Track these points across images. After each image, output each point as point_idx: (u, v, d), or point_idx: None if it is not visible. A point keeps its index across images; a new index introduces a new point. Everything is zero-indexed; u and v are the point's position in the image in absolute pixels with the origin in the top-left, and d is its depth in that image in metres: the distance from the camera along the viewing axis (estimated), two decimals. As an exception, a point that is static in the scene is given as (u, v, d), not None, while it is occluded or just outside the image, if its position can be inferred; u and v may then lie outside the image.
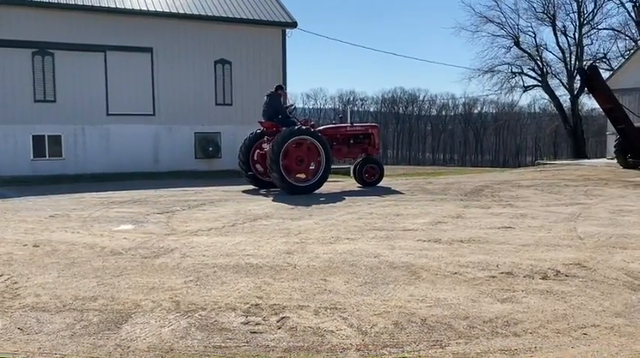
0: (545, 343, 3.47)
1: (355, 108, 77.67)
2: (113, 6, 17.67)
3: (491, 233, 7.00)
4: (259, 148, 13.08)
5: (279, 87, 13.21)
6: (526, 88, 40.52)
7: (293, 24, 19.86)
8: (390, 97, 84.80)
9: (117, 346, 3.46)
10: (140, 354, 3.35)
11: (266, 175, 12.72)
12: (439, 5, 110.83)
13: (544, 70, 39.12)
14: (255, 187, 13.19)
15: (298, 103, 75.68)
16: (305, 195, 11.55)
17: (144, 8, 18.03)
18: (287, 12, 20.15)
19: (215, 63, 19.13)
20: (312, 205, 9.97)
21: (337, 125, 14.10)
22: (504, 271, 5.11)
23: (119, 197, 11.65)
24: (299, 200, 10.73)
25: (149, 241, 6.69)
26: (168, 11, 18.33)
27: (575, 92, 37.08)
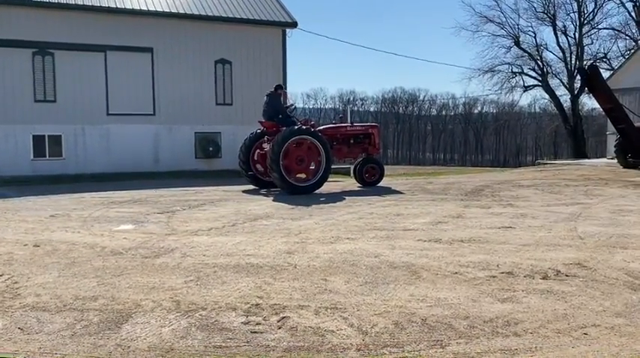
0: (545, 343, 3.47)
1: (355, 108, 77.69)
2: (113, 6, 17.67)
3: (491, 233, 7.00)
4: (259, 148, 13.09)
5: (278, 86, 13.21)
6: (526, 88, 40.57)
7: (293, 24, 19.86)
8: (390, 97, 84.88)
9: (117, 346, 3.46)
10: (140, 354, 3.35)
11: (266, 175, 12.73)
12: (439, 5, 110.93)
13: (544, 70, 39.14)
14: (255, 187, 13.20)
15: (298, 103, 75.68)
16: (305, 195, 11.56)
17: (144, 8, 18.03)
18: (287, 12, 20.15)
19: (215, 63, 19.13)
20: (312, 205, 9.97)
21: (337, 125, 14.11)
22: (505, 271, 5.12)
23: (119, 197, 11.65)
24: (299, 200, 10.74)
25: (149, 241, 6.69)
26: (168, 11, 18.32)
27: (575, 92, 37.08)
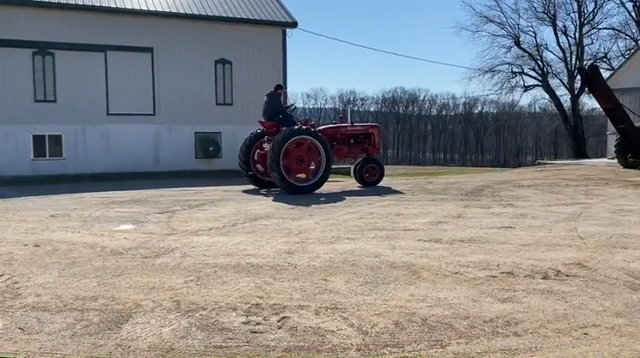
0: (545, 343, 3.47)
1: (355, 108, 77.65)
2: (113, 6, 17.67)
3: (491, 233, 7.00)
4: (260, 148, 13.09)
5: (278, 86, 13.20)
6: (526, 88, 40.56)
7: (293, 24, 19.85)
8: (391, 97, 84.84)
9: (117, 346, 3.46)
10: (141, 354, 3.35)
11: (266, 175, 12.73)
12: (439, 5, 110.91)
13: (544, 70, 39.14)
14: (255, 187, 13.20)
15: (298, 103, 75.66)
16: (305, 195, 11.56)
17: (144, 8, 18.03)
18: (287, 12, 20.15)
19: (215, 63, 19.13)
20: (312, 205, 9.97)
21: (337, 125, 14.11)
22: (505, 271, 5.11)
23: (119, 197, 11.65)
24: (299, 200, 10.74)
25: (150, 241, 6.69)
26: (168, 11, 18.33)
27: (575, 92, 37.08)
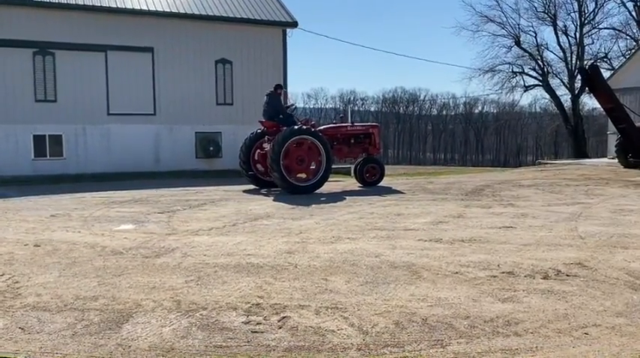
0: (546, 343, 3.47)
1: (356, 107, 77.64)
2: (114, 6, 17.67)
3: (492, 232, 7.00)
4: (260, 148, 13.08)
5: (278, 86, 13.17)
6: (527, 88, 40.53)
7: (294, 24, 19.85)
8: (391, 97, 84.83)
9: (118, 345, 3.46)
10: (141, 353, 3.35)
11: (267, 175, 12.73)
12: (440, 5, 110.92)
13: (545, 70, 39.10)
14: (255, 187, 13.19)
15: (299, 103, 75.68)
16: (306, 195, 11.56)
17: (144, 8, 18.03)
18: (287, 12, 20.15)
19: (216, 62, 19.12)
20: (312, 205, 9.98)
21: (338, 125, 14.10)
22: (505, 271, 5.11)
23: (120, 196, 11.66)
24: (300, 200, 10.74)
25: (150, 241, 6.70)
26: (168, 11, 18.32)
27: (576, 92, 37.06)
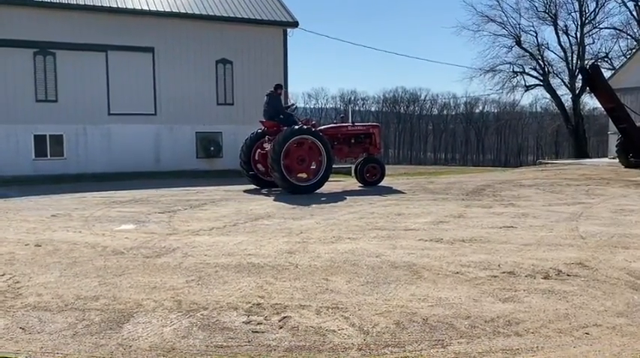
0: (547, 343, 3.46)
1: (356, 107, 77.59)
2: (115, 6, 17.67)
3: (492, 232, 7.00)
4: (260, 148, 13.09)
5: (278, 86, 13.14)
6: (527, 88, 40.51)
7: (294, 23, 19.85)
8: (392, 97, 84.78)
9: (119, 345, 3.47)
10: (142, 353, 3.35)
11: (267, 175, 12.73)
12: (440, 5, 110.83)
13: (546, 70, 39.08)
14: (256, 187, 13.19)
15: (299, 103, 75.61)
16: (306, 195, 11.56)
17: (145, 8, 18.04)
18: (288, 11, 20.15)
19: (216, 62, 19.13)
20: (313, 205, 9.98)
21: (338, 125, 14.11)
22: (506, 271, 5.11)
23: (121, 196, 11.66)
24: (300, 199, 10.74)
25: (151, 241, 6.70)
26: (169, 11, 18.33)
27: (576, 91, 37.06)
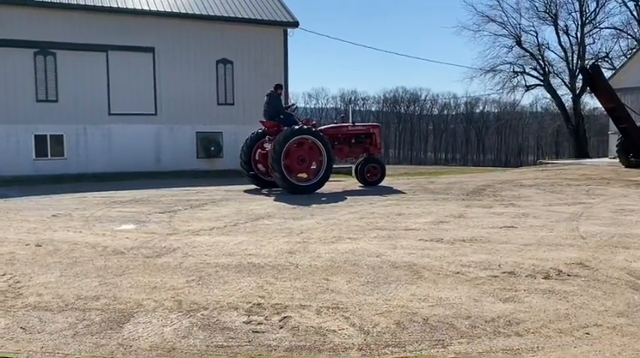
0: (547, 343, 3.46)
1: (357, 107, 77.57)
2: (115, 6, 17.68)
3: (493, 232, 7.00)
4: (261, 148, 13.09)
5: (278, 86, 13.13)
6: (528, 88, 40.50)
7: (295, 23, 19.85)
8: (392, 97, 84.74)
9: (119, 345, 3.47)
10: (142, 353, 3.35)
11: (268, 175, 12.73)
12: (441, 4, 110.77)
13: (546, 70, 39.07)
14: (256, 187, 13.19)
15: (300, 103, 75.59)
16: (307, 195, 11.56)
17: (146, 8, 18.04)
18: (289, 11, 20.15)
19: (217, 62, 19.13)
20: (313, 205, 9.97)
21: (339, 124, 14.11)
22: (506, 271, 5.11)
23: (121, 196, 11.66)
24: (301, 199, 10.74)
25: (151, 241, 6.70)
26: (170, 11, 18.33)
27: (577, 91, 37.05)
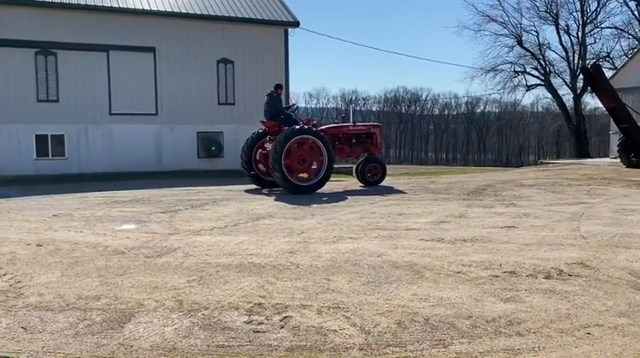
0: (548, 343, 3.46)
1: (358, 107, 77.59)
2: (116, 6, 17.69)
3: (494, 232, 6.99)
4: (261, 148, 13.09)
5: (278, 86, 13.11)
6: (529, 87, 40.43)
7: (295, 23, 19.85)
8: (393, 97, 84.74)
9: (120, 345, 3.47)
10: (143, 353, 3.35)
11: (268, 175, 12.73)
12: (442, 4, 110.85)
13: (547, 69, 39.00)
14: (257, 187, 13.19)
15: (300, 103, 75.55)
16: (307, 195, 11.56)
17: (147, 8, 18.05)
18: (289, 11, 20.15)
19: (217, 62, 19.14)
20: (314, 205, 9.97)
21: (340, 124, 14.10)
22: (507, 270, 5.11)
23: (122, 196, 11.67)
24: (301, 199, 10.73)
25: (152, 240, 6.70)
26: (170, 11, 18.35)
27: (578, 91, 37.00)
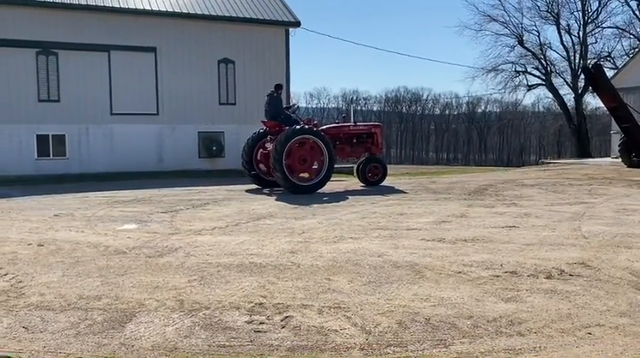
0: (549, 342, 3.46)
1: (359, 107, 77.55)
2: (117, 6, 17.71)
3: (495, 232, 6.99)
4: (262, 148, 13.09)
5: (278, 86, 13.11)
6: (530, 87, 40.39)
7: (296, 23, 19.86)
8: (394, 96, 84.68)
9: (121, 345, 3.47)
10: (144, 353, 3.35)
11: (269, 175, 12.73)
12: (442, 4, 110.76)
13: (548, 69, 38.97)
14: (258, 186, 13.20)
15: (301, 103, 75.52)
16: (308, 195, 11.56)
17: (148, 8, 18.07)
18: (290, 11, 20.16)
19: (218, 62, 19.16)
20: (315, 204, 9.97)
21: (340, 124, 14.10)
22: (508, 270, 5.11)
23: (123, 196, 11.67)
24: (302, 199, 10.74)
25: (153, 240, 6.71)
26: (172, 11, 18.36)
27: (579, 91, 36.96)
